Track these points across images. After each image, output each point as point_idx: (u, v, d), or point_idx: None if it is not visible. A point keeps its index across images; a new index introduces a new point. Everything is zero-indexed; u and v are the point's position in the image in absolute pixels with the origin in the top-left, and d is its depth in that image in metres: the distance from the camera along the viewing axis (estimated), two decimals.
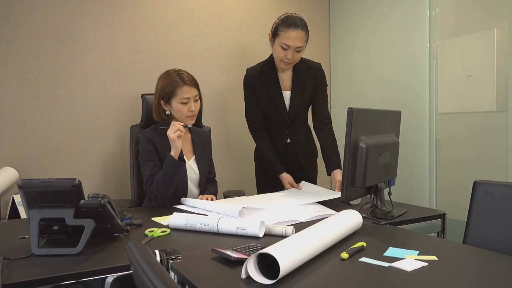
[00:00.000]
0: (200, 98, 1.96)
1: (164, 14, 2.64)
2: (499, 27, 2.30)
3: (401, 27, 2.66)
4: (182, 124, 1.83)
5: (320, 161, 2.28)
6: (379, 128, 1.65)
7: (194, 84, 1.92)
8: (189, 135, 2.04)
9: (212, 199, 1.90)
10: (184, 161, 1.90)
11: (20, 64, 2.27)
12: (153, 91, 1.90)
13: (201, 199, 1.88)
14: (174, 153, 1.81)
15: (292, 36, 2.01)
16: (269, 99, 2.17)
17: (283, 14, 2.09)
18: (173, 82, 1.88)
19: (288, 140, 2.25)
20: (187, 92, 1.87)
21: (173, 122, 1.82)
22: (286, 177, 2.16)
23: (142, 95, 2.30)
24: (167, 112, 1.92)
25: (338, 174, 2.07)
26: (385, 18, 2.77)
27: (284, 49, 2.04)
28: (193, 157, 2.00)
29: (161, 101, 1.91)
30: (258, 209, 1.66)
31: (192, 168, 1.98)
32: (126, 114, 2.54)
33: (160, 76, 1.94)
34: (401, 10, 2.66)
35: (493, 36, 2.31)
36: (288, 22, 2.02)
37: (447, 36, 2.51)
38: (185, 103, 1.87)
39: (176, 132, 1.79)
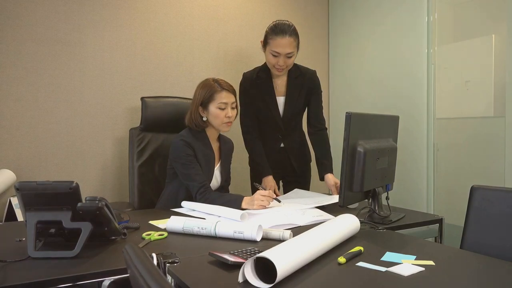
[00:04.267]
0: (237, 107, 1.98)
1: (164, 17, 2.64)
2: (497, 33, 2.31)
3: (400, 33, 2.67)
4: (274, 197, 1.79)
5: (313, 165, 2.28)
6: (377, 133, 1.66)
7: (232, 91, 1.95)
8: (218, 143, 2.05)
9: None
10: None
11: (19, 67, 2.27)
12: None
13: None
14: (245, 206, 1.75)
15: (281, 43, 2.04)
16: (263, 104, 2.20)
17: (273, 22, 2.11)
18: (211, 88, 1.91)
19: (282, 145, 2.27)
20: (225, 97, 1.90)
21: (269, 191, 1.79)
22: (269, 180, 2.16)
23: (142, 98, 2.30)
24: (204, 118, 1.93)
25: (330, 178, 2.11)
26: (384, 24, 2.78)
27: (274, 56, 2.07)
28: (219, 164, 2.02)
29: (200, 107, 1.92)
30: (257, 212, 1.66)
31: (215, 176, 1.99)
32: (125, 117, 2.54)
33: (199, 85, 1.98)
34: (399, 16, 2.67)
35: (491, 42, 2.32)
36: (277, 29, 2.05)
37: (445, 42, 2.52)
38: (223, 109, 1.89)
39: (264, 202, 1.74)
